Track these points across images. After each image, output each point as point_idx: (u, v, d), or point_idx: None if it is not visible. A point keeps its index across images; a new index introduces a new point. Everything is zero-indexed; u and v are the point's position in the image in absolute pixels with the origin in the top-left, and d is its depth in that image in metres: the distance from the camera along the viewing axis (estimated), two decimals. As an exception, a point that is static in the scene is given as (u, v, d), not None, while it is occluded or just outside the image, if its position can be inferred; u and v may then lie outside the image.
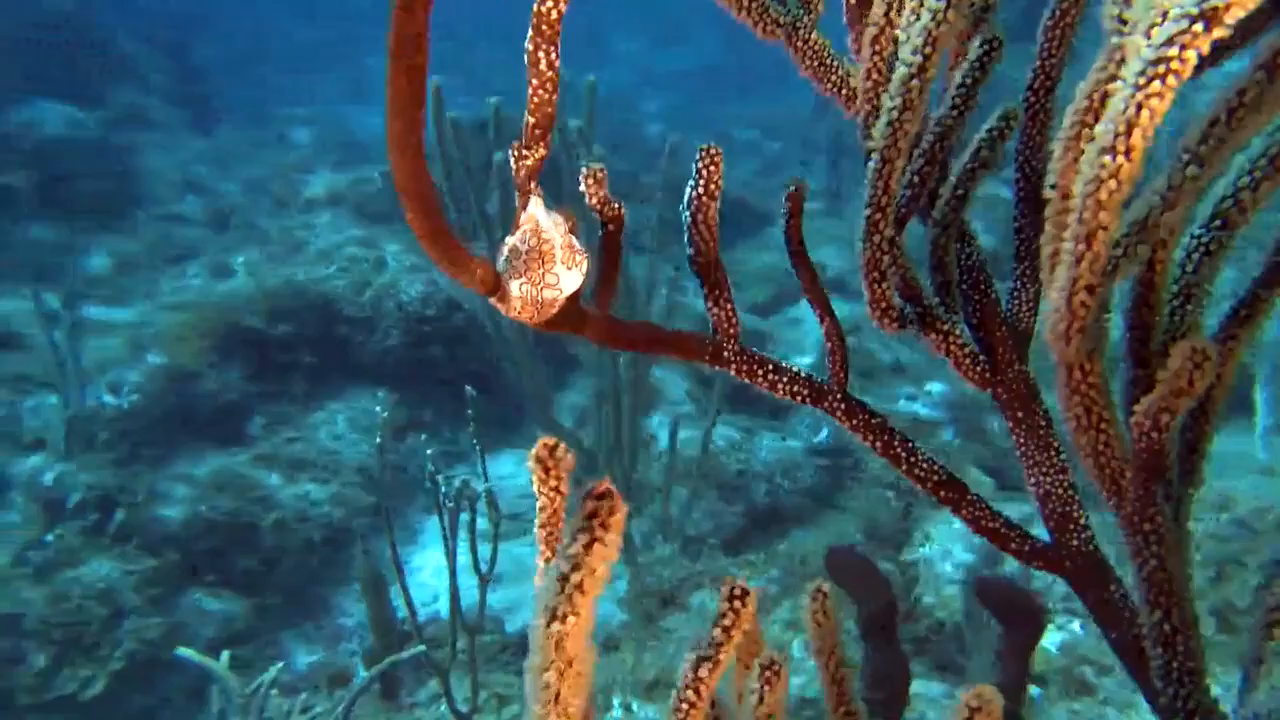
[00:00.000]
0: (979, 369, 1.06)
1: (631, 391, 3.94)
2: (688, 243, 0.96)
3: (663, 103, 13.95)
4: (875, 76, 0.98)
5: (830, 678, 0.95)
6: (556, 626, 0.52)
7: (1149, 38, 0.70)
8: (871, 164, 0.94)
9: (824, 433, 4.61)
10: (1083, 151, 0.82)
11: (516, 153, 0.84)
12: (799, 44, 1.06)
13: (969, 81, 0.97)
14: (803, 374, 1.03)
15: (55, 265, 6.26)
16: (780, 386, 1.02)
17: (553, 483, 0.66)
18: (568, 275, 0.87)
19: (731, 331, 1.01)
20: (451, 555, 2.93)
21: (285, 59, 15.32)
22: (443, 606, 4.13)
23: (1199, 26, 0.67)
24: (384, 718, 3.37)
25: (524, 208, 0.87)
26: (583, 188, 0.89)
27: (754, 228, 7.39)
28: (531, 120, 0.82)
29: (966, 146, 1.01)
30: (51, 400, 4.62)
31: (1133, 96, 0.71)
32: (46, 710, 3.71)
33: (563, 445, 0.65)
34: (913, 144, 0.97)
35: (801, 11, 1.06)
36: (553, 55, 0.77)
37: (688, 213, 0.94)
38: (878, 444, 1.05)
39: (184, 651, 2.49)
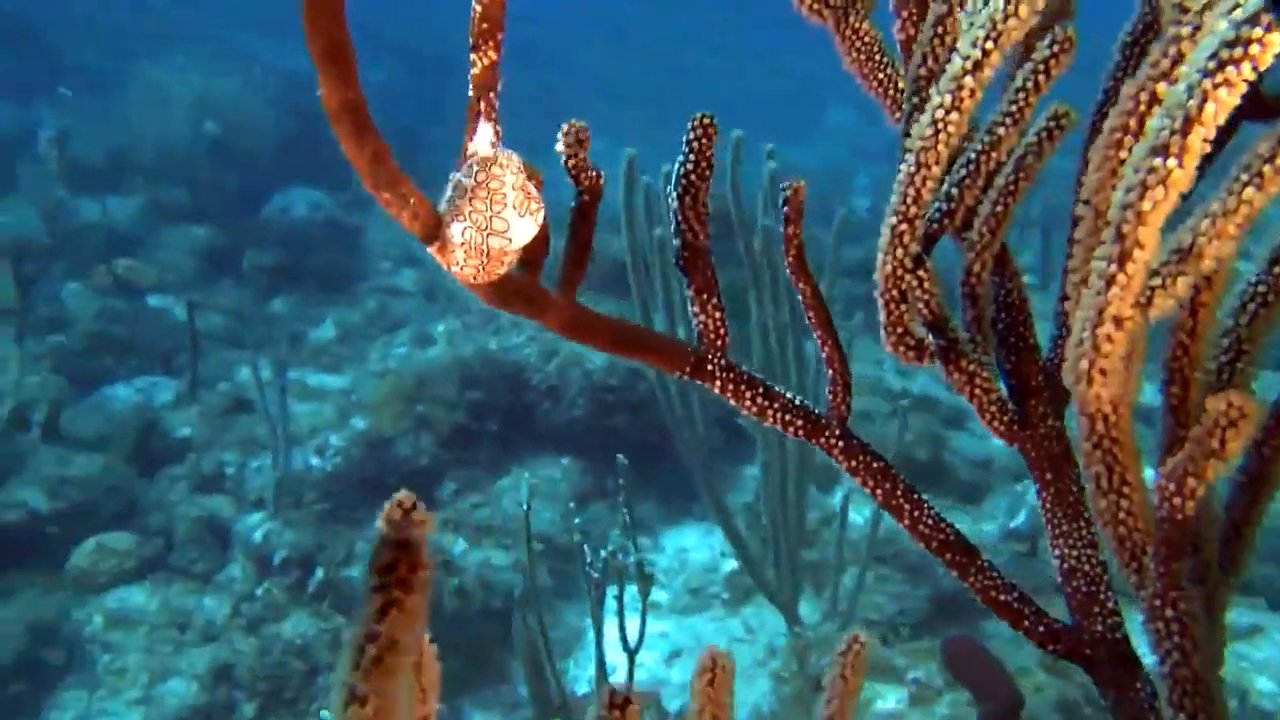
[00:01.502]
0: (1006, 419, 0.92)
1: (799, 463, 3.76)
2: (674, 231, 0.85)
3: (871, 178, 13.57)
4: (927, 67, 0.85)
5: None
6: (355, 712, 0.41)
7: (1231, 15, 0.55)
8: (904, 167, 0.82)
9: (1022, 516, 4.22)
10: (1122, 161, 0.69)
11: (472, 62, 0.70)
12: (847, 33, 0.95)
13: (1029, 86, 0.82)
14: (797, 402, 0.90)
15: (289, 335, 6.84)
16: (770, 414, 0.89)
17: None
18: (520, 223, 0.73)
19: (718, 341, 0.88)
20: (598, 629, 2.86)
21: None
22: (614, 680, 4.06)
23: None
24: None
25: (472, 135, 0.73)
26: (560, 146, 0.76)
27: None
28: (478, 9, 0.68)
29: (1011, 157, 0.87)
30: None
31: (1198, 84, 0.56)
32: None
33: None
34: (955, 150, 0.83)
35: None
36: None
37: (674, 194, 0.82)
38: (878, 491, 0.91)
39: (326, 715, 2.54)
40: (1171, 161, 0.62)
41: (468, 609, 4.41)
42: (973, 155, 0.87)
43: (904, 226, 0.83)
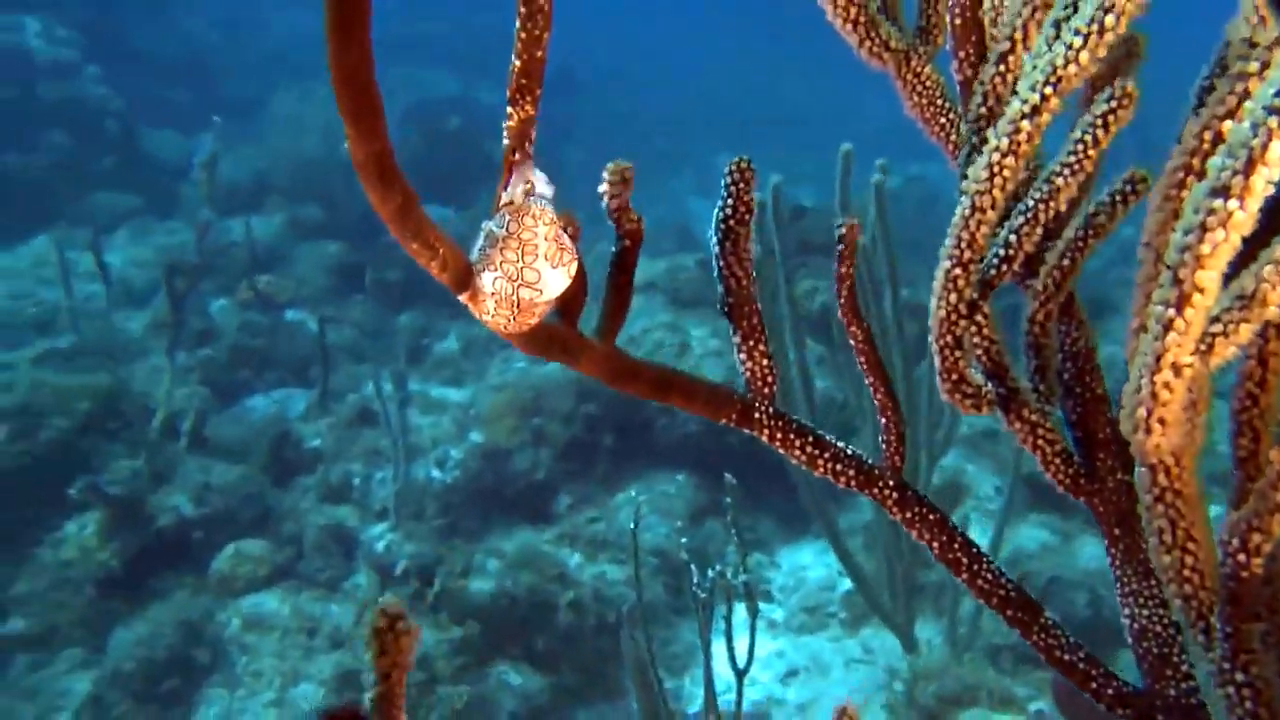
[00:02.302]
0: (1071, 472, 0.88)
1: (914, 481, 3.63)
2: (717, 277, 0.83)
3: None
4: (986, 107, 0.81)
5: None
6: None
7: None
8: (959, 210, 0.79)
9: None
10: (1183, 202, 0.66)
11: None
12: (909, 76, 0.92)
13: (1088, 139, 0.79)
14: (849, 452, 0.87)
15: (408, 349, 7.06)
16: (821, 464, 0.85)
17: (388, 661, 0.57)
18: (552, 275, 0.71)
19: (766, 390, 0.85)
20: (706, 649, 2.82)
21: (639, 162, 16.40)
22: (727, 699, 4.02)
23: None
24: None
25: (506, 183, 0.72)
26: (603, 186, 0.75)
27: (1097, 314, 6.67)
28: (518, 64, 0.67)
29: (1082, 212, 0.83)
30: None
31: (1263, 121, 0.52)
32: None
33: (401, 621, 0.55)
34: (1012, 196, 0.81)
35: (918, 40, 0.92)
36: None
37: (715, 240, 0.81)
38: (935, 544, 0.88)
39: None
40: (1233, 203, 0.59)
41: (582, 623, 4.44)
42: (1031, 203, 0.83)
43: (958, 271, 0.81)
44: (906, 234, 4.68)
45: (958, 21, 0.89)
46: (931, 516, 0.90)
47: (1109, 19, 0.73)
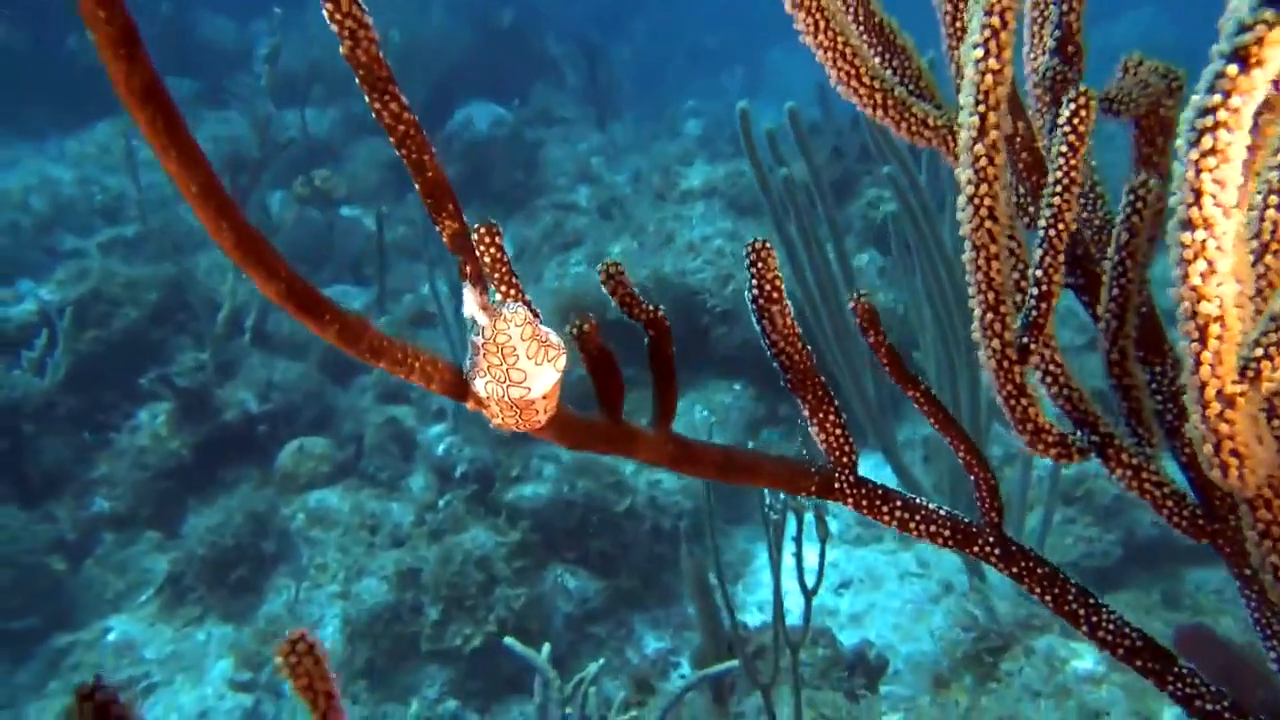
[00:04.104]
0: (1188, 514, 0.83)
1: (973, 400, 3.58)
2: (770, 358, 0.82)
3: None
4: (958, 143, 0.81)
5: None
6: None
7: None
8: (966, 256, 0.79)
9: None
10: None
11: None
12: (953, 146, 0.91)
13: (1063, 150, 0.77)
14: (943, 512, 0.84)
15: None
16: (914, 527, 0.83)
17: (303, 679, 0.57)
18: (538, 371, 0.74)
19: (844, 459, 0.81)
20: (775, 567, 2.83)
21: (688, 57, 15.96)
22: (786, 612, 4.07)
23: None
24: (710, 723, 3.36)
25: (465, 301, 0.74)
26: (605, 289, 0.76)
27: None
28: (417, 187, 0.71)
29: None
30: (451, 376, 5.20)
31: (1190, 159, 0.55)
32: (441, 659, 4.18)
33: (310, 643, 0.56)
34: (1008, 228, 0.81)
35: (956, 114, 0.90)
36: (394, 105, 0.67)
37: (756, 323, 0.82)
38: (1047, 598, 0.84)
39: (510, 641, 2.64)
40: (1199, 233, 0.61)
41: (638, 529, 4.49)
42: (1041, 232, 0.81)
43: (990, 316, 0.79)
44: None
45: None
46: (1040, 570, 0.86)
47: (994, 19, 0.75)
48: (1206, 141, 0.60)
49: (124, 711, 0.51)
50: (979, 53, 0.76)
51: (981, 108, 0.77)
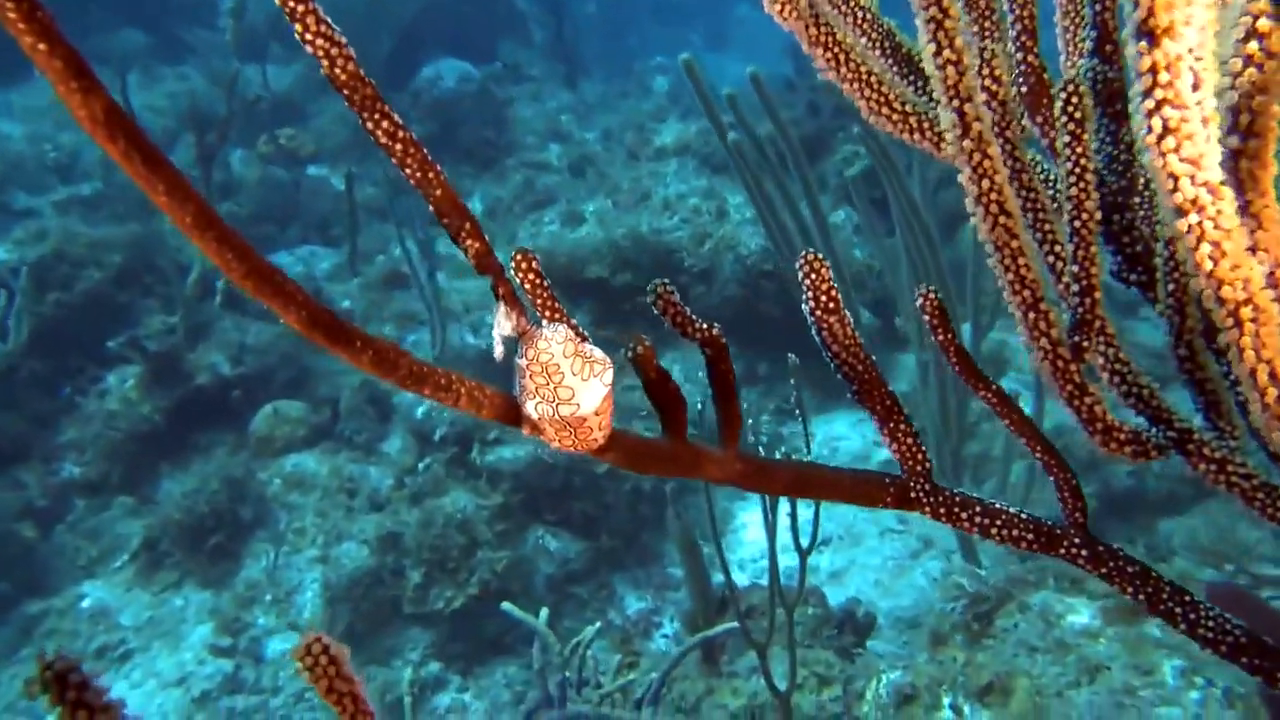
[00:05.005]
0: None
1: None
2: (834, 370, 0.81)
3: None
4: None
5: None
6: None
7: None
8: (991, 261, 0.78)
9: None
10: None
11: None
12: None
13: (1068, 139, 0.77)
14: (1024, 516, 0.82)
15: (429, 214, 6.92)
16: (995, 532, 0.82)
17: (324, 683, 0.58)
18: (585, 387, 0.74)
19: (918, 468, 0.81)
20: (771, 529, 2.84)
21: (654, 11, 15.70)
22: (761, 566, 4.11)
23: None
24: (702, 683, 3.39)
25: (502, 318, 0.76)
26: (656, 309, 0.76)
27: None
28: (432, 204, 0.71)
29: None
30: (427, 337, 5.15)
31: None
32: (423, 622, 4.18)
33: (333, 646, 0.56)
34: (1025, 222, 0.80)
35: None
36: (386, 123, 0.68)
37: (817, 338, 0.81)
38: (1141, 597, 0.82)
39: (507, 606, 2.64)
40: (1192, 217, 0.60)
41: (619, 490, 4.50)
42: (1067, 225, 0.80)
43: (1033, 315, 0.78)
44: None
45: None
46: (1130, 569, 0.84)
47: (933, 11, 0.75)
48: (1156, 124, 0.59)
49: (85, 678, 0.50)
50: (931, 48, 0.76)
51: (955, 103, 0.76)
